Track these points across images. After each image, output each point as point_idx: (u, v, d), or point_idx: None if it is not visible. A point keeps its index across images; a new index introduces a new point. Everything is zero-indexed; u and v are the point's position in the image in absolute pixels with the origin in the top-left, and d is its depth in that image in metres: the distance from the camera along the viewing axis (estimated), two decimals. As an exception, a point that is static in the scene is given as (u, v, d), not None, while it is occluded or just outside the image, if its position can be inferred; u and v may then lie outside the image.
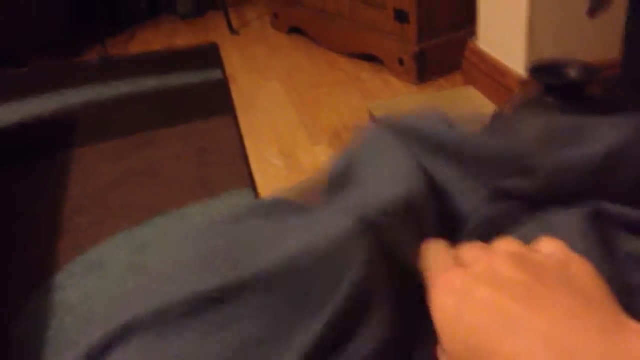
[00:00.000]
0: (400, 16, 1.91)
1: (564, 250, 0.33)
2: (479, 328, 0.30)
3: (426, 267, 0.37)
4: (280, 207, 0.48)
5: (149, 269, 0.43)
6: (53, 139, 1.86)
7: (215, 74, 2.19)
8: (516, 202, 0.44)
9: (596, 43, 1.53)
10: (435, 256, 0.37)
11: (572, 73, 1.13)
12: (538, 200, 0.44)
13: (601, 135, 0.45)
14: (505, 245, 0.34)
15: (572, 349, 0.28)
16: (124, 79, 2.21)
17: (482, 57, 1.70)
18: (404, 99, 1.72)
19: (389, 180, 0.44)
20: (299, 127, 1.77)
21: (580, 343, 0.28)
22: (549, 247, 0.34)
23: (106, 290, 1.20)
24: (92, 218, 1.45)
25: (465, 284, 0.32)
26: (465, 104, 1.63)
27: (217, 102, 1.98)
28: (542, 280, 0.31)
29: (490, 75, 1.66)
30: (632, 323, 0.29)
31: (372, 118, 1.62)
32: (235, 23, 2.69)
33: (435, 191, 0.45)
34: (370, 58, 2.10)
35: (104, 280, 1.23)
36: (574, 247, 0.34)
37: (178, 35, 2.68)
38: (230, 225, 0.45)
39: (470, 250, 0.35)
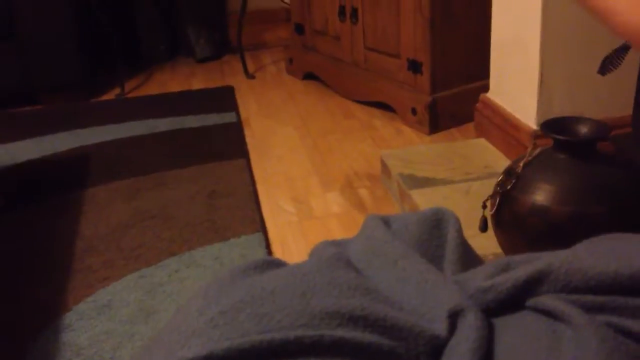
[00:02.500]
0: (414, 66, 1.94)
1: None
2: None
3: None
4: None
5: (169, 320, 0.43)
6: (67, 177, 1.88)
7: (230, 117, 2.22)
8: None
9: (608, 100, 1.55)
10: None
11: (584, 130, 1.14)
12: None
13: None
14: None
15: None
16: (140, 120, 2.25)
17: (495, 110, 1.72)
18: (416, 149, 1.74)
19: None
20: (312, 173, 1.78)
21: None
22: None
23: (114, 334, 1.20)
24: (103, 259, 1.46)
25: None
26: (477, 157, 1.64)
27: (231, 145, 2.00)
28: None
29: (502, 128, 1.67)
30: None
31: (384, 167, 1.63)
32: (251, 67, 2.74)
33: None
34: (383, 106, 2.13)
35: (113, 322, 1.23)
36: None
37: (195, 78, 2.73)
38: (251, 279, 0.46)
39: None
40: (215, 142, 2.04)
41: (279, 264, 0.50)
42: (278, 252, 1.43)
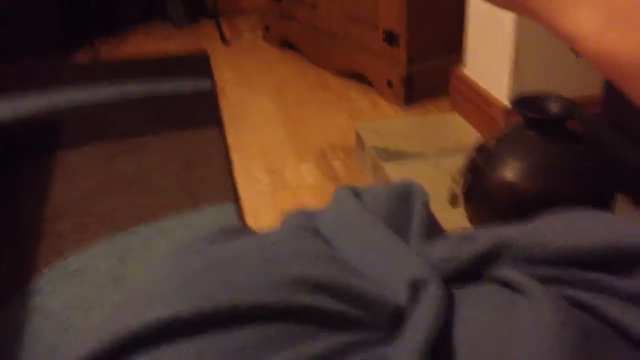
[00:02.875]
0: (390, 38, 1.94)
1: None
2: None
3: None
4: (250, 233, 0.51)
5: (137, 285, 0.44)
6: (38, 140, 1.86)
7: (205, 85, 2.20)
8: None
9: (581, 78, 1.57)
10: None
11: (554, 108, 1.16)
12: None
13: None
14: None
15: None
16: (113, 83, 2.22)
17: (469, 85, 1.74)
18: (391, 122, 1.75)
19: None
20: (286, 143, 1.78)
21: None
22: None
23: (85, 299, 1.20)
24: (74, 224, 1.45)
25: None
26: (450, 131, 1.66)
27: (206, 112, 1.99)
28: None
29: (475, 103, 1.69)
30: None
31: (359, 140, 1.64)
32: (227, 33, 2.71)
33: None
34: (360, 78, 2.13)
35: (83, 288, 1.23)
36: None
37: (170, 42, 2.69)
38: (219, 246, 0.46)
39: None
40: (190, 109, 2.02)
41: (247, 231, 0.51)
42: (250, 222, 1.44)
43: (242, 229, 0.52)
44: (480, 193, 1.15)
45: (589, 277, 0.42)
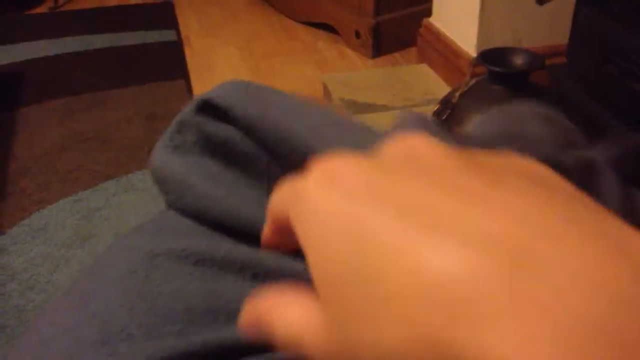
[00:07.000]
0: (359, -13, 1.90)
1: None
2: (385, 240, 0.16)
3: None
4: None
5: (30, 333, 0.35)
6: (-1, 95, 1.81)
7: (170, 35, 2.15)
8: None
9: (548, 28, 1.56)
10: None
11: (518, 61, 1.16)
12: None
13: None
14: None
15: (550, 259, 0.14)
16: (74, 35, 2.15)
17: (437, 36, 1.72)
18: (358, 73, 1.74)
19: None
20: (253, 96, 1.76)
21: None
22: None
23: (51, 257, 1.19)
24: (38, 181, 1.43)
25: (361, 176, 0.19)
26: (418, 83, 1.65)
27: (171, 65, 1.95)
28: (494, 181, 0.18)
29: (443, 54, 1.68)
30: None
31: (326, 91, 1.63)
32: (192, -19, 2.63)
33: None
34: (328, 27, 2.09)
35: (49, 246, 1.22)
36: None
37: (133, -9, 2.60)
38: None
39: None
40: (154, 61, 1.98)
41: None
42: (217, 176, 1.43)
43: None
44: (445, 147, 1.15)
45: None
